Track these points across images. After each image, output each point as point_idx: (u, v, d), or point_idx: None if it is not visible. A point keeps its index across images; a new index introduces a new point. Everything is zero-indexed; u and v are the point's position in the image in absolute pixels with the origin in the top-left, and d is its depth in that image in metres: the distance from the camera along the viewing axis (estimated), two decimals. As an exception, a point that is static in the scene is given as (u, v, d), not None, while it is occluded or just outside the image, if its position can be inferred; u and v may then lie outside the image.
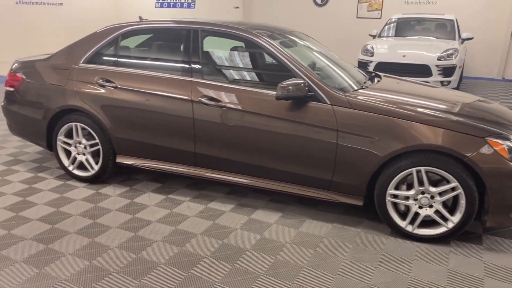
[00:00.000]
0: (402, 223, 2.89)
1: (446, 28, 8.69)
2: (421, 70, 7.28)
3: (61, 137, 3.72)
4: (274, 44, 3.15)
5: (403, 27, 9.10)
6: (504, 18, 10.58)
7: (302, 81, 2.88)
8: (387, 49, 7.91)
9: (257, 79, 3.52)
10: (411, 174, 2.77)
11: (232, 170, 3.27)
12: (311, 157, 2.98)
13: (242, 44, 3.42)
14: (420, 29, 8.99)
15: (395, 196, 2.86)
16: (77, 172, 3.77)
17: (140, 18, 4.16)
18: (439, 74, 7.27)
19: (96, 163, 3.68)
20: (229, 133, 3.14)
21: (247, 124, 3.08)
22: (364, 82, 3.43)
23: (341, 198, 3.03)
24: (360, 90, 3.13)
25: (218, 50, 3.49)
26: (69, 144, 3.72)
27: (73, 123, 3.62)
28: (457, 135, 2.67)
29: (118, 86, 3.44)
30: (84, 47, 3.66)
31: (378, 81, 3.55)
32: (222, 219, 3.16)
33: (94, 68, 3.57)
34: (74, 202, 3.41)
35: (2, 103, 4.08)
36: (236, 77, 3.47)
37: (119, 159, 3.61)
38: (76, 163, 3.75)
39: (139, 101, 3.37)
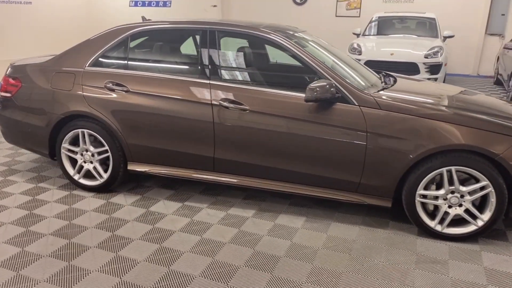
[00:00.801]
0: (431, 223, 2.89)
1: (427, 27, 8.89)
2: (409, 68, 7.39)
3: (65, 145, 3.51)
4: (296, 45, 3.08)
5: (386, 26, 9.23)
6: (479, 17, 10.93)
7: (330, 83, 2.82)
8: (374, 48, 8.00)
9: (280, 81, 3.44)
10: (439, 173, 2.77)
11: (254, 175, 3.18)
12: (338, 159, 2.93)
13: (263, 44, 3.33)
14: (403, 27, 9.15)
15: (424, 196, 2.86)
16: (83, 181, 3.58)
17: (143, 18, 4.01)
18: (426, 71, 7.41)
19: (105, 171, 3.50)
20: (252, 137, 3.05)
21: (271, 127, 3.00)
22: (382, 83, 3.42)
23: (368, 200, 3.00)
24: (383, 91, 3.10)
25: (236, 51, 3.38)
26: (75, 152, 3.52)
27: (80, 130, 3.42)
28: (488, 134, 2.69)
29: (130, 90, 3.27)
30: (89, 49, 3.46)
31: (394, 81, 3.54)
32: (247, 226, 3.07)
33: (102, 71, 3.38)
34: (86, 213, 3.22)
35: (-3, 110, 3.82)
36: (257, 79, 3.38)
37: (131, 167, 3.44)
38: (82, 172, 3.55)
39: (154, 105, 3.22)
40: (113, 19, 15.42)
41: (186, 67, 3.41)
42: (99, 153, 3.46)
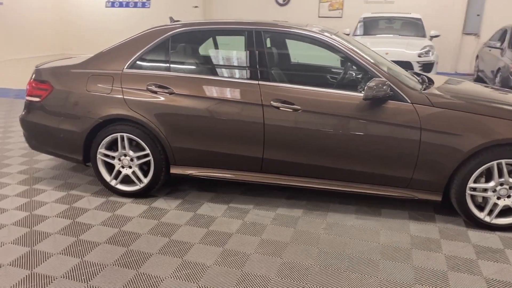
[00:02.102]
0: (480, 215, 3.01)
1: (414, 27, 9.19)
2: (404, 67, 7.58)
3: (102, 150, 3.39)
4: (347, 44, 3.12)
5: (374, 26, 9.47)
6: (456, 17, 11.41)
7: (385, 81, 2.88)
8: (369, 47, 8.17)
9: (330, 80, 3.47)
10: (489, 167, 2.89)
11: (304, 174, 3.20)
12: (392, 156, 2.99)
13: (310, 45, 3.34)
14: (390, 27, 9.41)
15: (474, 189, 2.97)
16: (120, 187, 3.47)
17: (171, 19, 3.94)
18: (420, 70, 7.66)
19: (144, 176, 3.41)
20: (304, 136, 3.07)
21: (324, 126, 3.03)
22: (422, 81, 3.51)
23: (419, 195, 3.08)
24: (430, 89, 3.19)
25: (283, 51, 3.39)
26: (112, 157, 3.41)
27: (119, 134, 3.32)
28: (536, 128, 2.83)
29: (175, 92, 3.21)
30: (127, 51, 3.37)
31: (429, 79, 3.63)
32: (301, 225, 3.08)
33: (143, 73, 3.30)
34: (133, 219, 3.13)
35: (21, 115, 3.64)
36: (306, 79, 3.39)
37: (174, 170, 3.38)
38: (120, 178, 3.44)
39: (200, 107, 3.17)
40: (89, 20, 15.03)
41: (232, 68, 3.37)
42: (138, 158, 3.37)
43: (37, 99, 3.49)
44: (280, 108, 3.07)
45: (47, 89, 3.45)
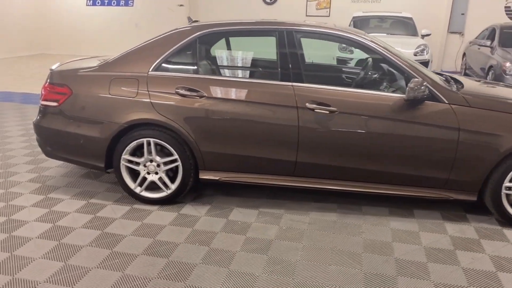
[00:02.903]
0: (515, 213, 3.04)
1: (406, 26, 9.30)
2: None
3: (126, 156, 3.25)
4: (381, 44, 3.09)
5: (366, 25, 9.53)
6: (441, 16, 11.64)
7: (423, 81, 2.87)
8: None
9: (365, 81, 3.42)
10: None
11: (339, 177, 3.15)
12: (429, 157, 2.98)
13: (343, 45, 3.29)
14: (383, 26, 9.50)
15: (509, 188, 2.99)
16: (146, 194, 3.34)
17: (189, 18, 3.81)
18: (415, 68, 7.74)
19: (172, 182, 3.29)
20: (340, 138, 3.02)
21: (361, 128, 2.98)
22: (450, 82, 3.50)
23: (454, 195, 3.08)
24: (464, 89, 3.19)
25: (316, 52, 3.32)
26: (137, 163, 3.27)
27: (145, 139, 3.18)
28: None
29: (206, 95, 3.10)
30: (152, 53, 3.23)
31: (458, 80, 3.61)
32: (342, 229, 3.03)
33: (170, 76, 3.17)
34: (166, 228, 3.01)
35: (36, 120, 3.44)
36: (340, 80, 3.34)
37: (203, 175, 3.26)
38: (145, 184, 3.30)
39: (232, 110, 3.07)
40: (69, 19, 14.55)
41: (264, 69, 3.29)
42: (165, 163, 3.24)
43: (54, 104, 3.30)
44: (316, 110, 3.00)
45: (65, 93, 3.27)
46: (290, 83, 3.07)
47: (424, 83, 2.86)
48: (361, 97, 3.01)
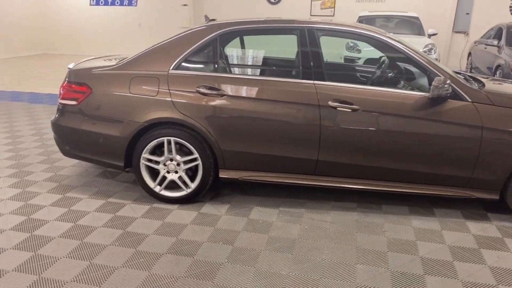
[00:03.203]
0: (537, 212, 3.03)
1: (412, 25, 9.29)
2: (408, 65, 7.67)
3: (145, 155, 3.23)
4: (403, 43, 3.08)
5: (372, 24, 9.52)
6: (446, 16, 11.64)
7: (447, 79, 2.86)
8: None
9: (386, 79, 3.41)
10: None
11: (359, 176, 3.14)
12: (452, 155, 2.97)
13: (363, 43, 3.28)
14: (389, 26, 9.49)
15: (532, 186, 2.98)
16: (165, 193, 3.32)
17: (206, 17, 3.80)
18: (423, 68, 7.73)
19: (191, 181, 3.27)
20: (363, 137, 3.00)
21: (384, 126, 2.97)
22: (470, 81, 3.49)
23: (477, 194, 3.07)
24: (486, 88, 3.18)
25: (337, 50, 3.31)
26: (156, 162, 3.26)
27: (165, 138, 3.17)
28: None
29: (227, 93, 3.08)
30: (172, 51, 3.21)
31: (477, 79, 3.60)
32: (364, 228, 3.02)
33: (191, 74, 3.16)
34: (188, 227, 3.00)
35: (54, 119, 3.43)
36: (363, 77, 3.33)
37: (223, 174, 3.25)
38: (165, 183, 3.29)
39: (253, 109, 3.06)
40: (73, 18, 14.52)
41: (285, 68, 3.27)
42: (185, 162, 3.23)
43: (73, 103, 3.29)
44: (338, 109, 2.99)
45: (84, 91, 3.25)
46: (311, 81, 3.05)
47: (448, 81, 2.85)
48: (383, 95, 3.00)
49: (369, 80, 3.40)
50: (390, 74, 3.52)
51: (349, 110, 2.99)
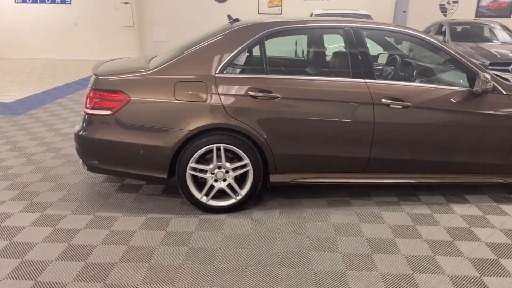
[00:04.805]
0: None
1: (365, 22, 9.74)
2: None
3: (192, 164, 3.04)
4: (441, 41, 3.22)
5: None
6: (385, 13, 12.39)
7: (490, 76, 3.06)
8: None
9: (430, 76, 3.53)
10: None
11: (409, 171, 3.25)
12: (492, 144, 3.19)
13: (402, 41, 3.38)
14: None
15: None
16: (213, 202, 3.15)
17: (229, 17, 3.67)
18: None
19: (240, 188, 3.15)
20: (414, 132, 3.11)
21: (433, 121, 3.10)
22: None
23: (510, 179, 3.33)
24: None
25: (382, 49, 3.37)
26: (202, 171, 3.08)
27: (214, 145, 3.00)
28: None
29: (279, 95, 3.00)
30: (216, 53, 3.04)
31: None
32: (424, 220, 3.13)
33: (239, 77, 3.03)
34: (251, 236, 2.87)
35: (80, 132, 3.08)
36: (409, 74, 3.42)
37: (274, 178, 3.17)
38: (213, 192, 3.12)
39: (306, 110, 3.02)
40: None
41: (333, 67, 3.25)
42: (234, 169, 3.09)
43: (106, 112, 2.98)
44: (390, 106, 3.06)
45: (120, 100, 2.96)
46: (362, 80, 3.09)
47: (490, 77, 3.05)
48: (432, 91, 3.13)
49: (414, 77, 3.52)
50: (432, 71, 3.68)
51: (400, 107, 3.07)
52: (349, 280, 2.41)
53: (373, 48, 3.42)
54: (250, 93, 2.99)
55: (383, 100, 3.05)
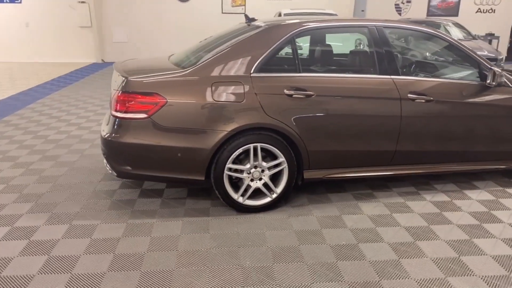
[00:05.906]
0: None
1: (333, 21, 10.04)
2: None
3: (229, 165, 3.03)
4: (454, 38, 3.45)
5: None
6: (345, 12, 12.82)
7: (501, 70, 3.33)
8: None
9: (448, 70, 3.73)
10: None
11: (431, 161, 3.44)
12: (504, 133, 3.46)
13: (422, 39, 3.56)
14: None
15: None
16: (250, 202, 3.16)
17: (246, 16, 3.69)
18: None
19: (275, 186, 3.18)
20: (435, 125, 3.30)
21: (454, 113, 3.32)
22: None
23: (521, 165, 3.65)
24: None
25: (406, 46, 3.52)
26: (240, 171, 3.08)
27: (252, 145, 3.01)
28: None
29: (313, 93, 3.06)
30: (249, 53, 3.04)
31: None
32: (445, 206, 3.32)
33: (275, 76, 3.05)
34: (294, 233, 2.92)
35: (112, 137, 2.96)
36: (432, 70, 3.60)
37: (308, 175, 3.23)
38: (249, 192, 3.13)
39: (339, 107, 3.12)
40: None
41: (362, 65, 3.36)
42: (269, 168, 3.12)
43: (142, 116, 2.88)
44: (416, 101, 3.23)
45: (156, 102, 2.88)
46: (389, 76, 3.23)
47: (501, 72, 3.32)
48: (450, 85, 3.34)
49: (437, 70, 3.74)
50: (448, 67, 3.90)
51: (424, 101, 3.25)
52: (405, 267, 2.53)
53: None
54: (286, 91, 3.02)
55: (409, 95, 3.21)
